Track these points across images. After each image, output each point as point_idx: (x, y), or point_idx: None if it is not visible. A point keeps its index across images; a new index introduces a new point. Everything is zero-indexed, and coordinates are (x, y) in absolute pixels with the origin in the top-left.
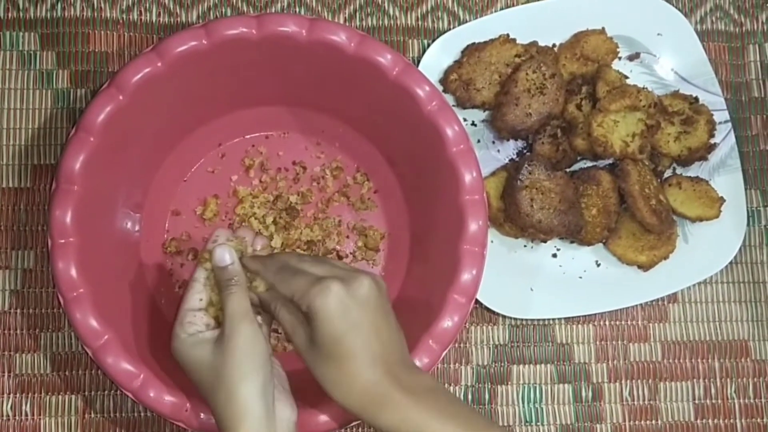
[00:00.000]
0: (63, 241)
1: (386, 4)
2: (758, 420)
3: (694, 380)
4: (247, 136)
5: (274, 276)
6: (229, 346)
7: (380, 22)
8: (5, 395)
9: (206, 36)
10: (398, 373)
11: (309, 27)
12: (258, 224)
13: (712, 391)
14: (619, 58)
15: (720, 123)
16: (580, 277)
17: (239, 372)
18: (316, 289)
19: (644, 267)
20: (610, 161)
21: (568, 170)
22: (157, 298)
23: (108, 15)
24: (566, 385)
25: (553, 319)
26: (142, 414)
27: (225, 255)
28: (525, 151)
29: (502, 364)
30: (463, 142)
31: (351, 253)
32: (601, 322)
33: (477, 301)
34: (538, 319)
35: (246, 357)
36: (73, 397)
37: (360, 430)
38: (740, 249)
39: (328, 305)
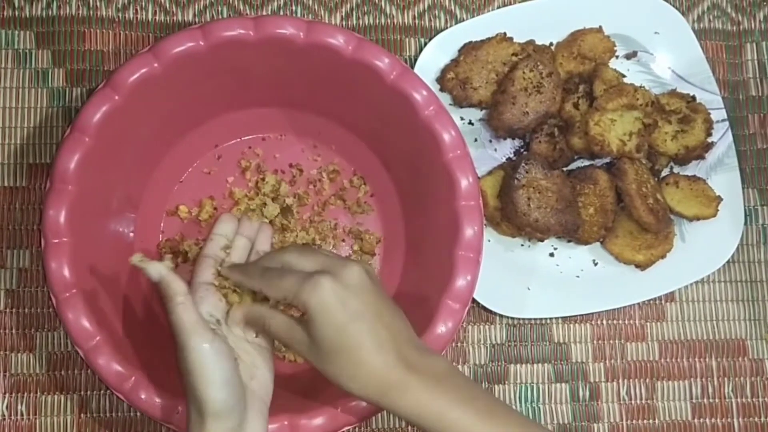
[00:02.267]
0: (56, 240)
1: (383, 3)
2: (755, 419)
3: (692, 379)
4: (244, 138)
5: (260, 282)
6: (186, 366)
7: (377, 21)
8: (1, 395)
9: (203, 37)
10: (409, 357)
11: (306, 30)
12: None
13: (710, 390)
14: (617, 57)
15: (717, 122)
16: (578, 276)
17: (200, 389)
18: (308, 288)
19: (641, 266)
20: (607, 160)
21: (565, 169)
22: (150, 300)
23: (104, 13)
24: (563, 384)
25: (551, 319)
26: (138, 414)
27: (159, 270)
28: (522, 150)
29: (500, 363)
30: (459, 147)
31: (346, 257)
32: (599, 321)
33: (474, 301)
34: (536, 319)
35: (203, 374)
36: (69, 396)
37: (359, 430)
38: (737, 248)
39: (324, 301)
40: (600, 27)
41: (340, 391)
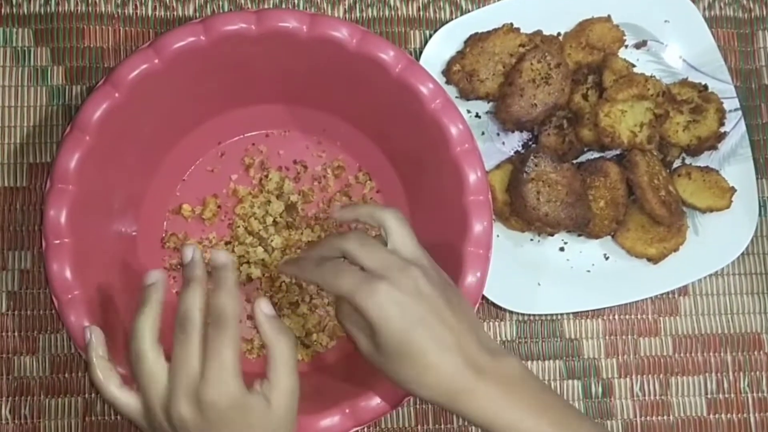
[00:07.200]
0: (58, 242)
1: None
2: None
3: (706, 374)
4: (247, 135)
5: (316, 275)
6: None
7: (381, 13)
8: (4, 398)
9: (204, 32)
10: (479, 360)
11: (310, 23)
12: (258, 224)
13: (725, 385)
14: (626, 47)
15: (730, 111)
16: (588, 271)
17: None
18: (366, 294)
19: (654, 260)
20: (618, 152)
21: (574, 162)
22: None
23: (103, 9)
24: (575, 381)
25: (561, 314)
26: None
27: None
28: (530, 142)
29: None
30: (467, 141)
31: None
32: (611, 317)
33: (483, 297)
34: (546, 315)
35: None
36: (73, 399)
37: (368, 430)
38: (752, 240)
39: (383, 309)
40: (608, 16)
41: (345, 393)
